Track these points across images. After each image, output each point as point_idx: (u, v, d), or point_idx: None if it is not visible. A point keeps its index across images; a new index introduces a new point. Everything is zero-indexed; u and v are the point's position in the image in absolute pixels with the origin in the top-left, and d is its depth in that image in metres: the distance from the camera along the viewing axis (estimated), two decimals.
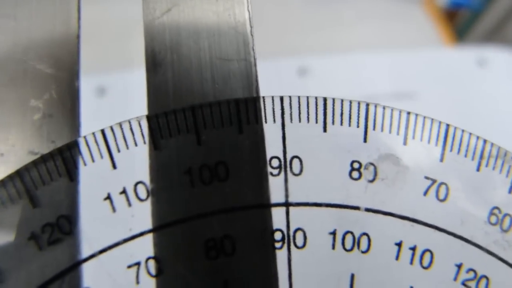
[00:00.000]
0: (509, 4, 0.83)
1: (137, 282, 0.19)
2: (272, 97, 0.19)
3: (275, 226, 0.19)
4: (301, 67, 0.63)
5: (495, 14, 0.85)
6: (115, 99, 0.59)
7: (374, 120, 0.20)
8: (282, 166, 0.19)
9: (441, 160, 0.20)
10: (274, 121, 0.19)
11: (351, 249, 0.20)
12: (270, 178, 0.19)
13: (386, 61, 0.65)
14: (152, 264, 0.19)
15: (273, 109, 0.19)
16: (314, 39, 0.74)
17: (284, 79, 0.62)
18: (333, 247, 0.20)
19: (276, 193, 0.19)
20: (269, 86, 0.21)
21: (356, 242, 0.20)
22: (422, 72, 0.65)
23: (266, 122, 0.19)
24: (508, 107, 0.62)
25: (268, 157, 0.19)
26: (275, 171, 0.19)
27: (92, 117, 0.22)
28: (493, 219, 0.20)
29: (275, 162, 0.19)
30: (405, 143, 0.20)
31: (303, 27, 0.77)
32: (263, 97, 0.19)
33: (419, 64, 0.66)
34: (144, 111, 0.20)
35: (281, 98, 0.19)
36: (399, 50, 0.67)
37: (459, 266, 0.20)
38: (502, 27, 0.85)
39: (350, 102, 0.20)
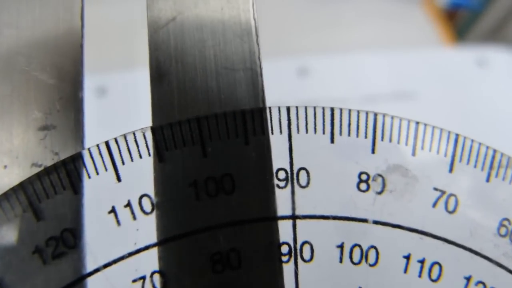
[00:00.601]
0: (509, 4, 0.83)
1: None
2: (279, 107, 0.19)
3: (282, 239, 0.19)
4: (301, 67, 0.63)
5: (495, 14, 0.84)
6: (116, 100, 0.59)
7: (382, 131, 0.19)
8: (289, 178, 0.19)
9: (450, 171, 0.20)
10: (281, 132, 0.19)
11: (359, 262, 0.19)
12: (277, 190, 0.19)
13: (386, 61, 0.65)
14: (157, 278, 0.18)
15: (280, 119, 0.19)
16: (314, 39, 0.74)
17: (284, 79, 0.62)
18: (341, 261, 0.19)
19: (283, 205, 0.19)
20: (269, 86, 0.21)
21: (364, 255, 0.19)
22: (422, 72, 0.65)
23: (272, 133, 0.19)
24: (508, 107, 0.62)
25: (274, 169, 0.19)
26: (282, 183, 0.19)
27: (93, 118, 0.22)
28: (503, 230, 0.20)
29: (281, 174, 0.19)
30: (413, 153, 0.20)
31: (303, 27, 0.76)
32: (270, 107, 0.19)
33: (419, 64, 0.66)
34: (145, 112, 0.20)
35: (288, 109, 0.19)
36: (399, 50, 0.67)
37: (468, 279, 0.20)
38: (502, 27, 0.85)
39: (358, 112, 0.19)
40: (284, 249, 0.19)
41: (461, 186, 0.20)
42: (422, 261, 0.19)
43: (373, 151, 0.19)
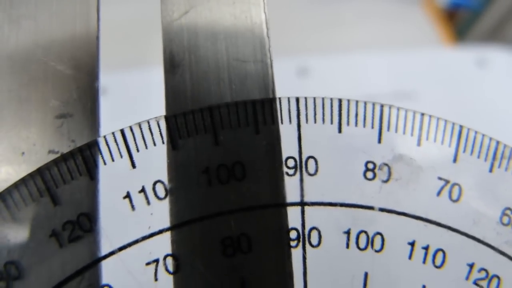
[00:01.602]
0: (509, 4, 0.83)
1: (156, 279, 0.19)
2: (288, 98, 0.20)
3: (290, 225, 0.20)
4: (301, 67, 0.63)
5: (495, 14, 0.85)
6: (117, 99, 0.59)
7: (389, 121, 0.20)
8: (298, 166, 0.20)
9: (455, 161, 0.20)
10: (290, 121, 0.20)
11: (365, 248, 0.20)
12: (286, 178, 0.20)
13: (386, 61, 0.66)
14: (170, 261, 0.19)
15: (289, 110, 0.20)
16: (314, 39, 0.75)
17: (284, 79, 0.62)
18: (348, 246, 0.20)
19: (291, 192, 0.20)
20: None
21: (370, 241, 0.20)
22: (422, 72, 0.65)
23: (282, 122, 0.20)
24: (508, 107, 0.62)
25: (284, 157, 0.20)
26: (291, 171, 0.20)
27: None
28: (505, 219, 0.20)
29: (291, 162, 0.20)
30: (419, 144, 0.20)
31: (303, 27, 0.77)
32: (279, 98, 0.20)
33: (419, 64, 0.66)
34: (145, 112, 0.20)
35: (297, 99, 0.20)
36: (399, 50, 0.67)
37: (471, 266, 0.20)
38: (502, 27, 0.85)
39: (365, 103, 0.20)
40: (293, 234, 0.20)
41: (465, 176, 0.20)
42: (426, 248, 0.20)
43: (379, 141, 0.20)
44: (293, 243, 0.20)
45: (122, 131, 0.19)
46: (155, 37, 0.24)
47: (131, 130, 0.19)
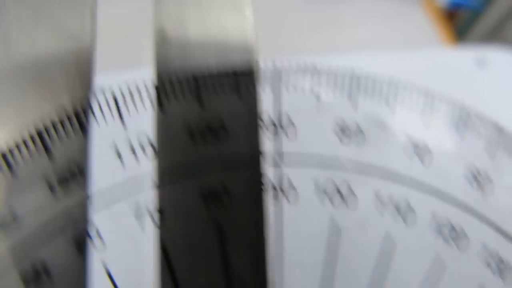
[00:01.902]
0: (509, 4, 0.84)
1: (143, 231, 0.20)
2: (270, 68, 0.21)
3: (269, 184, 0.21)
4: None
5: (495, 14, 0.85)
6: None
7: (364, 91, 0.21)
8: (278, 131, 0.21)
9: (426, 126, 0.21)
10: (272, 90, 0.21)
11: (339, 206, 0.21)
12: (267, 142, 0.21)
13: (386, 61, 0.66)
14: (156, 215, 0.20)
15: (271, 79, 0.21)
16: (314, 39, 0.75)
17: None
18: (322, 204, 0.21)
19: (271, 154, 0.21)
20: None
21: (344, 200, 0.21)
22: (422, 72, 0.65)
23: (263, 89, 0.21)
24: (508, 107, 0.62)
25: (265, 123, 0.21)
26: (271, 136, 0.21)
27: None
28: (471, 178, 0.21)
29: (271, 128, 0.21)
30: (392, 111, 0.21)
31: (303, 27, 0.77)
32: (261, 66, 0.21)
33: (418, 64, 0.66)
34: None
35: (277, 68, 0.21)
36: (399, 50, 0.67)
37: (439, 223, 0.21)
38: (502, 27, 0.85)
39: (342, 74, 0.21)
40: (271, 191, 0.21)
41: (434, 140, 0.21)
42: (396, 205, 0.21)
43: (355, 109, 0.21)
44: (271, 200, 0.21)
45: (113, 96, 0.20)
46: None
47: (122, 94, 0.20)
